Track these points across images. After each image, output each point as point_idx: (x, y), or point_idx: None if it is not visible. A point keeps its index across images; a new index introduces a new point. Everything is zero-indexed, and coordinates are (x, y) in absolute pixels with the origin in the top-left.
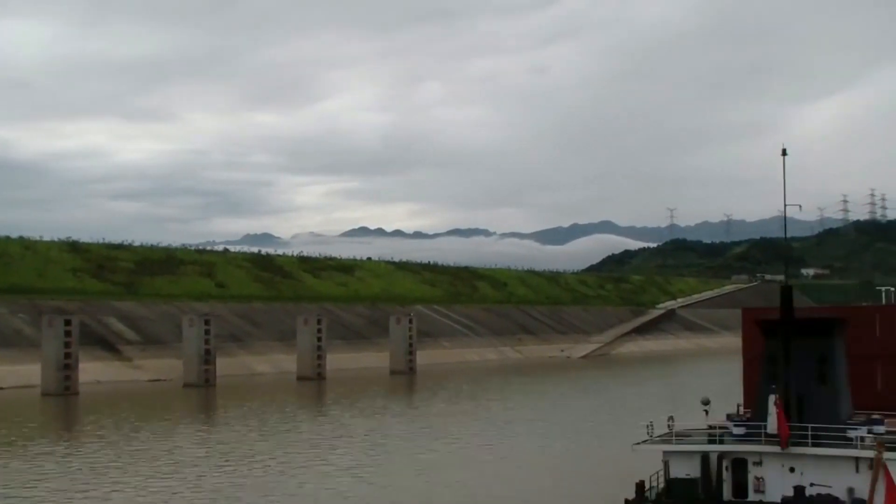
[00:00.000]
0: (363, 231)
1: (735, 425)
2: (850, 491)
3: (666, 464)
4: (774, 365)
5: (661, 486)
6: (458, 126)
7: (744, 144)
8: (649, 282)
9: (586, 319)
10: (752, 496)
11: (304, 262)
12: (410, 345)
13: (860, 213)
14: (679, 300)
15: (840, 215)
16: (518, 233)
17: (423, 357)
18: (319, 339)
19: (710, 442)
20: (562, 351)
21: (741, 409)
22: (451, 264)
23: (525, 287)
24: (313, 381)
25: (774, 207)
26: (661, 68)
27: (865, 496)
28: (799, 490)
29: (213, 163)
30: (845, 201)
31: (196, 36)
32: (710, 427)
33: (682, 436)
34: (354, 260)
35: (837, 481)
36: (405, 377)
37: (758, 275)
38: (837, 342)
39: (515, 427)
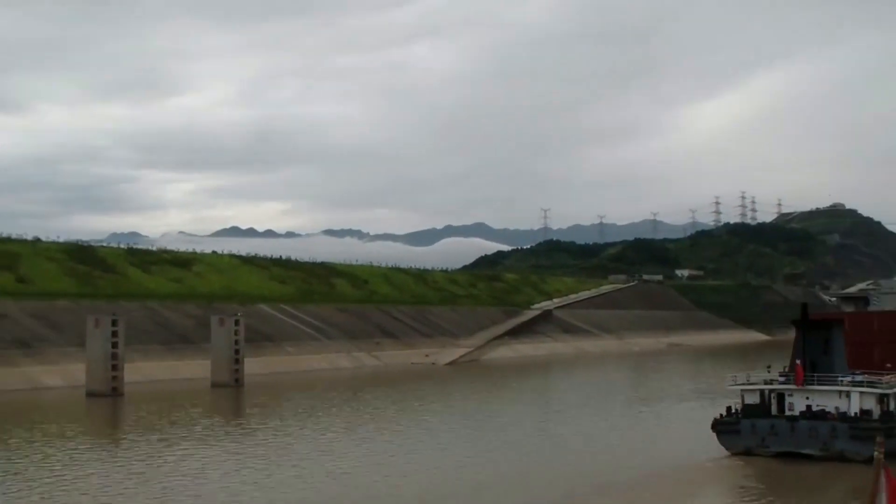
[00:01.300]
0: (235, 231)
1: (780, 375)
2: (837, 408)
3: (742, 396)
4: (799, 344)
5: (739, 408)
6: (326, 123)
7: (615, 147)
8: (524, 281)
9: (455, 321)
10: (786, 412)
11: (133, 254)
12: (237, 351)
13: (731, 216)
14: (555, 300)
15: (711, 217)
16: (391, 234)
17: (260, 365)
18: (115, 345)
19: (765, 384)
20: (426, 356)
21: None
22: (307, 259)
23: (389, 285)
24: (106, 397)
25: (647, 210)
26: (535, 69)
27: (847, 410)
28: (808, 407)
29: (68, 156)
30: (717, 203)
31: (36, 23)
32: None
33: (750, 382)
34: (193, 253)
35: (830, 404)
36: (230, 390)
37: (636, 275)
38: (835, 332)
39: None
